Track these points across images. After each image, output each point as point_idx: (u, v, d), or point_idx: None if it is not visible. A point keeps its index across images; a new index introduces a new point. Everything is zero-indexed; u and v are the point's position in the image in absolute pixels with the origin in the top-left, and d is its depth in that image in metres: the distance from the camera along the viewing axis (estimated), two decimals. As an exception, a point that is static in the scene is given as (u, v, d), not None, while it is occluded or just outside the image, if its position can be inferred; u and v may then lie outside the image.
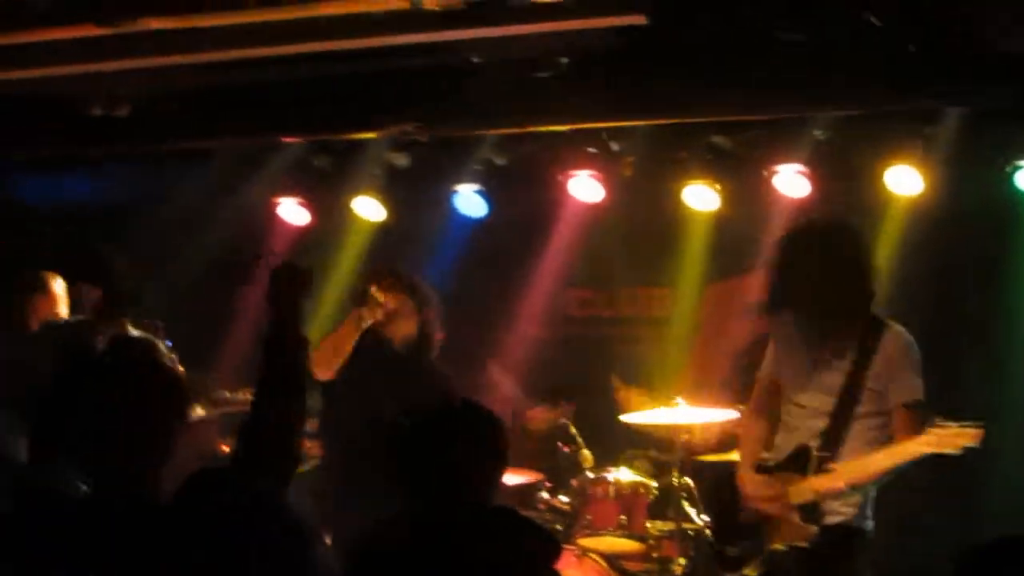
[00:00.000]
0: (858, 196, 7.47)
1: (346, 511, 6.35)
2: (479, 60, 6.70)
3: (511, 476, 6.93)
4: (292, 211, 8.80)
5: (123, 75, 6.87)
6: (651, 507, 7.19)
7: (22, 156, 8.60)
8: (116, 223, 8.70)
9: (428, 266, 7.90)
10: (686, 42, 6.37)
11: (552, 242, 8.64)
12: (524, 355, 8.82)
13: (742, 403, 6.47)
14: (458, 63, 6.73)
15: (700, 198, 7.90)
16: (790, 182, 7.59)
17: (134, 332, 6.32)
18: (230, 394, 8.05)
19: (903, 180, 7.32)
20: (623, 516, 7.15)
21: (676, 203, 7.98)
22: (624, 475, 7.30)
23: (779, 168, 7.58)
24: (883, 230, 7.46)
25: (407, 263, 7.25)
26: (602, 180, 8.00)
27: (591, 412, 8.07)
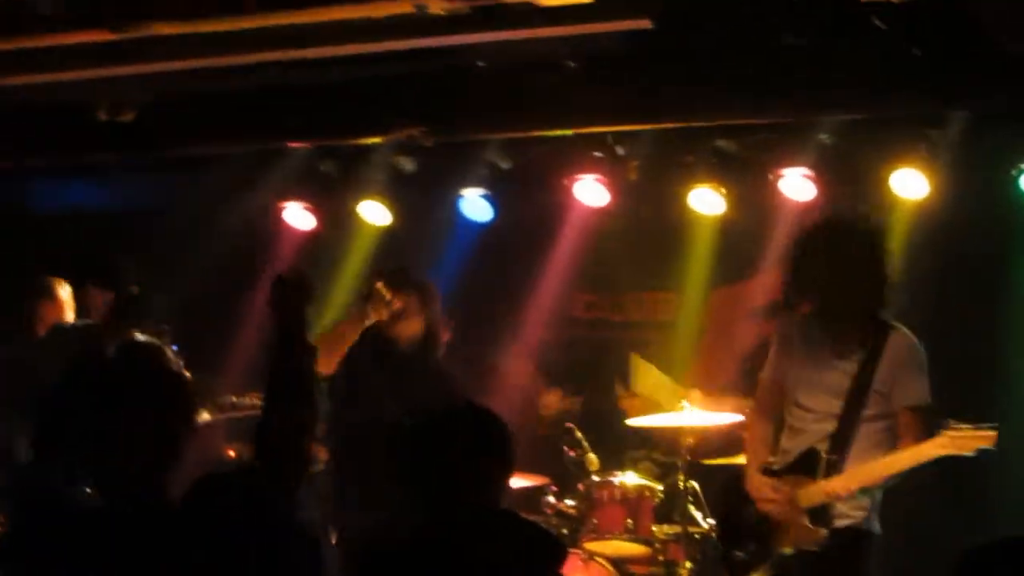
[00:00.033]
0: (863, 200, 7.45)
1: (350, 511, 6.35)
2: (484, 64, 6.70)
3: (517, 480, 6.94)
4: (298, 216, 8.79)
5: (129, 80, 6.88)
6: (657, 510, 7.19)
7: (29, 163, 8.60)
8: (122, 229, 8.71)
9: (434, 270, 7.92)
10: (692, 46, 6.37)
11: (558, 246, 8.63)
12: (530, 357, 8.83)
13: (747, 406, 6.47)
14: (463, 67, 6.73)
15: (706, 202, 7.89)
16: (796, 186, 7.58)
17: (140, 337, 6.32)
18: (236, 399, 8.05)
19: (908, 184, 7.32)
20: (629, 520, 7.15)
21: (682, 207, 7.98)
22: (630, 479, 7.31)
23: (785, 172, 7.57)
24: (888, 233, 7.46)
25: (413, 267, 7.24)
26: (608, 184, 7.99)
27: (596, 415, 8.08)
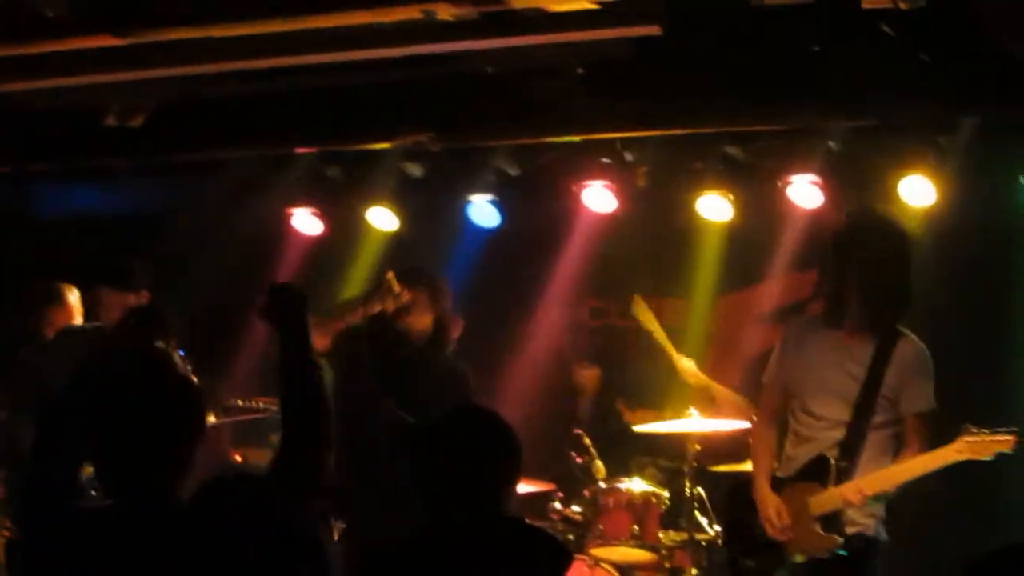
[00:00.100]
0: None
1: (355, 511, 6.34)
2: (492, 70, 6.70)
3: (523, 485, 6.93)
4: (306, 221, 8.80)
5: (137, 85, 6.88)
6: (663, 517, 7.18)
7: (37, 167, 8.62)
8: (128, 233, 8.70)
9: (442, 276, 7.89)
10: (700, 53, 6.37)
11: (566, 252, 8.62)
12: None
13: (754, 411, 6.46)
14: (472, 73, 6.73)
15: (714, 208, 7.89)
16: (803, 192, 7.57)
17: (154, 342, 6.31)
18: (242, 402, 8.07)
19: (916, 190, 7.30)
20: (635, 526, 7.14)
21: (690, 213, 7.97)
22: (636, 485, 7.30)
23: (793, 178, 7.56)
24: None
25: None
26: (616, 190, 7.99)
27: (601, 419, 8.09)
